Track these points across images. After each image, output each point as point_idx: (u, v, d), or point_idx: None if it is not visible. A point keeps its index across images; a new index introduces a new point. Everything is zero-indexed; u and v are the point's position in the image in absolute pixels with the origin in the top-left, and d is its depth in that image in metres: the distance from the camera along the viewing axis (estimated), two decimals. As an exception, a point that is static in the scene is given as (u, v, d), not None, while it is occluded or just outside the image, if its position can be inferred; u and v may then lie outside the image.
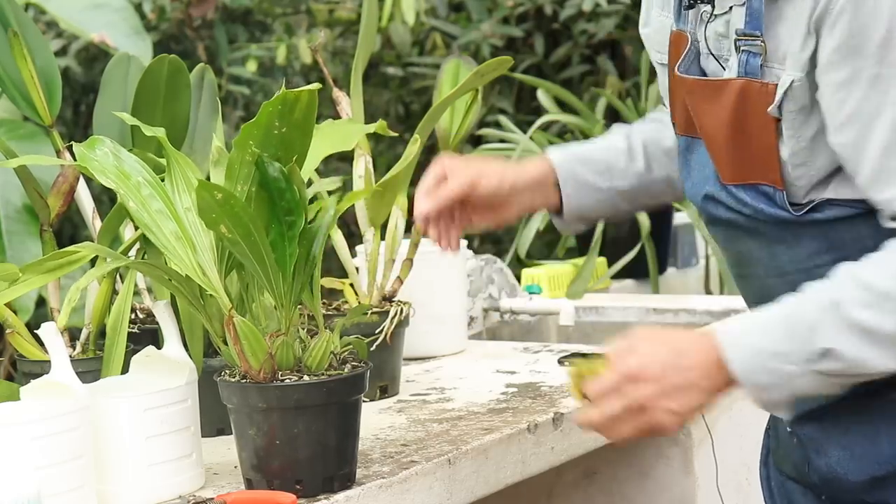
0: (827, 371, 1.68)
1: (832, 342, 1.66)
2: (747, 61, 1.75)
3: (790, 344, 1.68)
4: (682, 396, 1.72)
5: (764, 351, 1.69)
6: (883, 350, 1.65)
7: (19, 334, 2.04)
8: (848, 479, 1.82)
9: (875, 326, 1.65)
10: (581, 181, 2.05)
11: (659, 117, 2.12)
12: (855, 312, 1.65)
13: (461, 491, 2.04)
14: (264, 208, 1.81)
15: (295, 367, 1.86)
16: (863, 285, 1.66)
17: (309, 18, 6.13)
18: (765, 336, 1.70)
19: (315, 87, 1.80)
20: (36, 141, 3.25)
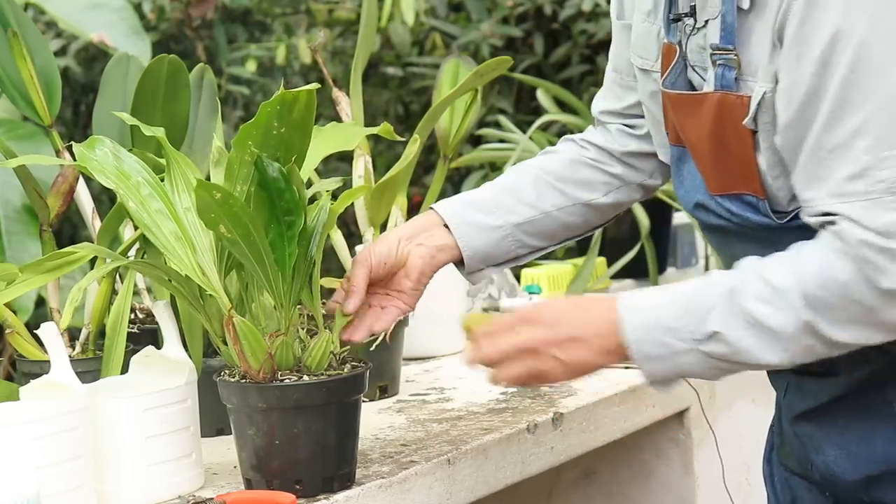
0: (712, 353, 1.71)
1: (721, 326, 1.70)
2: (723, 75, 1.77)
3: (683, 321, 1.72)
4: (573, 347, 1.76)
5: (657, 323, 1.73)
6: (766, 343, 1.70)
7: (19, 334, 2.04)
8: (844, 479, 1.83)
9: (763, 319, 1.69)
10: (471, 221, 2.02)
11: (558, 147, 2.13)
12: (748, 302, 1.69)
13: (461, 491, 2.04)
14: (264, 208, 1.81)
15: (294, 367, 1.86)
16: (762, 279, 1.70)
17: (308, 18, 6.13)
18: (662, 309, 1.74)
19: (313, 87, 1.80)
20: (35, 141, 3.25)
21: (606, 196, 2.09)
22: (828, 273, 1.67)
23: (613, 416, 2.35)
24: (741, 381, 2.65)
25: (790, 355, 1.71)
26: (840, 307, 1.67)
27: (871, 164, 1.65)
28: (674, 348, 1.73)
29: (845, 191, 1.67)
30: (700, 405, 2.54)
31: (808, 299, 1.68)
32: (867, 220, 1.65)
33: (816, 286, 1.67)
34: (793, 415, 1.92)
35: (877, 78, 1.63)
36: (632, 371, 2.46)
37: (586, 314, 1.77)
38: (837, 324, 1.68)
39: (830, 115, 1.66)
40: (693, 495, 2.59)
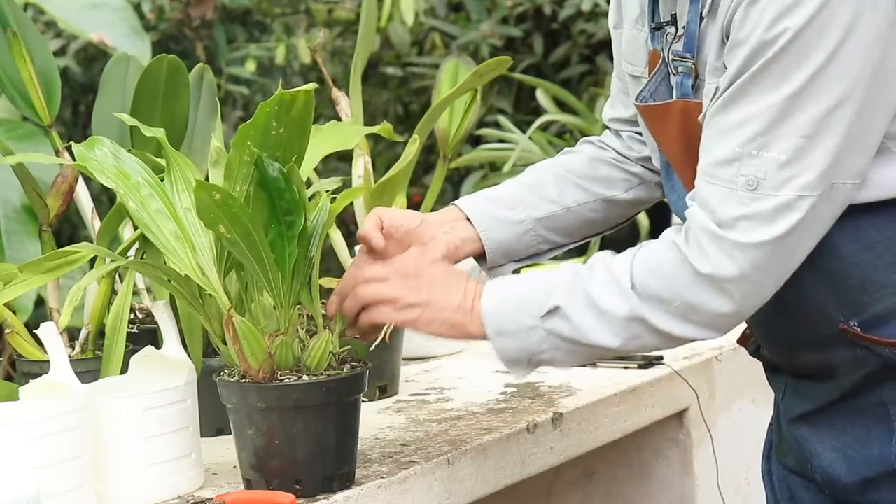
0: (554, 330, 1.78)
1: (562, 301, 1.77)
2: (681, 83, 1.82)
3: (531, 295, 1.79)
4: (438, 288, 1.84)
5: (511, 297, 1.81)
6: (601, 324, 1.76)
7: (18, 334, 2.04)
8: (841, 481, 1.83)
9: (598, 300, 1.76)
10: (494, 216, 2.05)
11: (578, 147, 2.16)
12: (588, 283, 1.77)
13: (460, 491, 2.04)
14: (263, 208, 1.81)
15: (294, 367, 1.86)
16: (605, 265, 1.78)
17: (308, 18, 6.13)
18: (517, 286, 1.82)
19: (311, 87, 1.80)
20: (35, 141, 3.25)
21: (627, 193, 2.12)
22: (656, 262, 1.74)
23: (613, 416, 2.35)
24: (741, 382, 2.66)
25: (622, 340, 1.77)
26: (665, 299, 1.73)
27: (741, 157, 1.69)
28: (522, 324, 1.79)
29: (713, 171, 1.72)
30: (699, 405, 2.54)
31: (637, 286, 1.75)
32: (716, 206, 1.71)
33: (646, 274, 1.74)
34: (790, 417, 1.92)
35: (779, 82, 1.67)
36: (631, 371, 2.47)
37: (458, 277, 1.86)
38: (662, 314, 1.74)
39: (728, 100, 1.71)
40: (692, 495, 2.59)
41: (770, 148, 1.68)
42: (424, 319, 1.85)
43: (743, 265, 1.69)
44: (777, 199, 1.68)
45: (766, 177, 1.68)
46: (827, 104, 1.67)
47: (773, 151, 1.68)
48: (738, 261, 1.69)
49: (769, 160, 1.68)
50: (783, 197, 1.68)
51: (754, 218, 1.69)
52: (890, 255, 1.74)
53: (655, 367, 2.50)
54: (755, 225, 1.69)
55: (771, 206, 1.68)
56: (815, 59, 1.66)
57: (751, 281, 1.71)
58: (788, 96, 1.67)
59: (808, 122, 1.67)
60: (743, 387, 2.67)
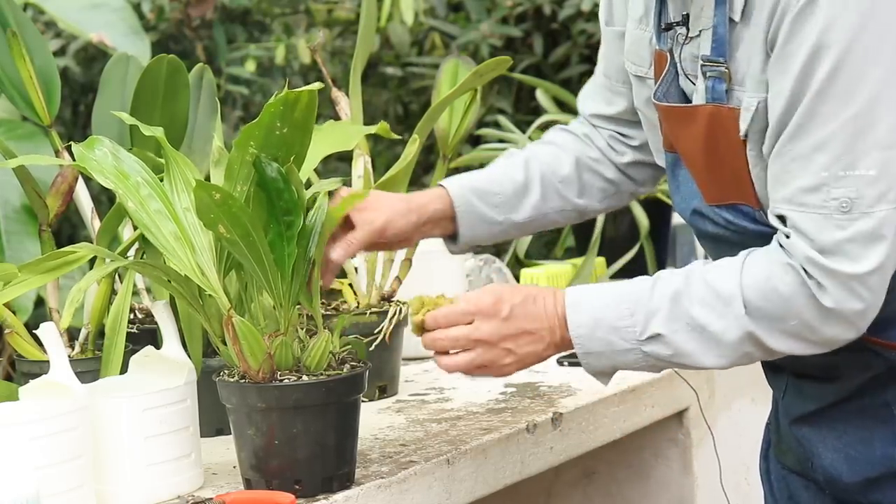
0: (652, 353, 1.76)
1: (664, 329, 1.74)
2: (713, 87, 1.79)
3: (627, 321, 1.76)
4: (525, 341, 1.81)
5: (603, 322, 1.78)
6: (707, 347, 1.74)
7: (18, 334, 2.04)
8: (843, 481, 1.83)
9: (705, 324, 1.72)
10: (478, 215, 2.08)
11: (559, 140, 2.16)
12: (692, 307, 1.73)
13: (460, 491, 2.04)
14: (263, 208, 1.81)
15: (294, 367, 1.86)
16: (707, 284, 1.73)
17: (308, 18, 6.13)
18: (608, 309, 1.78)
19: (315, 87, 1.80)
20: (35, 141, 3.25)
21: (601, 202, 2.14)
22: (771, 284, 1.70)
23: (613, 416, 2.35)
24: (741, 381, 2.66)
25: (728, 360, 1.75)
26: (780, 318, 1.70)
27: (827, 181, 1.66)
28: (616, 347, 1.77)
29: (800, 200, 1.69)
30: (699, 405, 2.54)
31: (749, 308, 1.71)
32: (815, 235, 1.68)
33: (759, 296, 1.71)
34: (791, 417, 1.91)
35: (846, 97, 1.65)
36: (631, 372, 2.47)
37: (536, 308, 1.81)
38: (776, 334, 1.71)
39: (798, 126, 1.68)
40: (692, 495, 2.59)
41: (857, 166, 1.65)
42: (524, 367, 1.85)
43: (866, 296, 1.68)
44: (875, 216, 1.66)
45: (859, 195, 1.66)
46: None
47: (860, 169, 1.65)
48: (861, 294, 1.68)
49: (858, 178, 1.65)
50: (881, 212, 1.66)
51: (857, 240, 1.67)
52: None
53: (655, 367, 2.49)
54: (860, 247, 1.66)
55: (871, 225, 1.66)
56: (879, 66, 1.64)
57: (874, 306, 1.70)
58: (862, 109, 1.64)
59: (888, 132, 1.65)
60: (742, 386, 2.67)
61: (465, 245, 2.12)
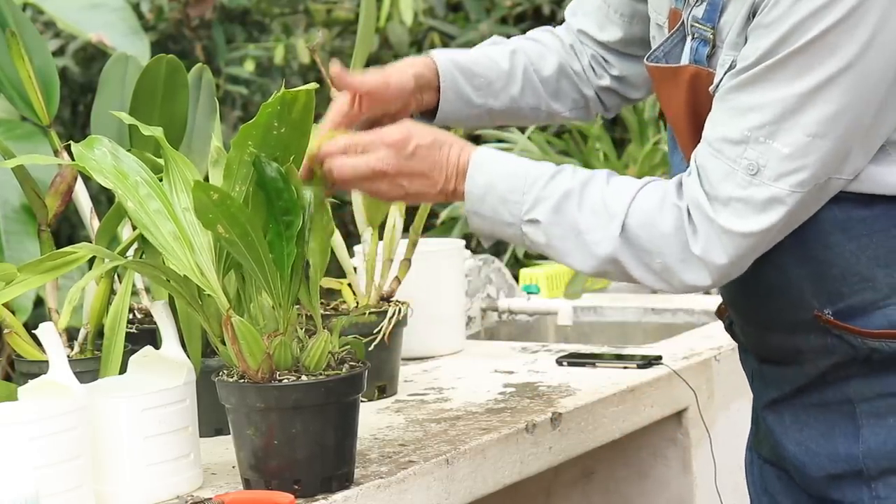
0: (530, 235, 1.81)
1: (545, 218, 1.79)
2: (696, 49, 1.82)
3: (518, 197, 1.80)
4: (419, 181, 1.85)
5: (496, 189, 1.82)
6: (576, 249, 1.79)
7: (17, 334, 2.04)
8: (807, 475, 1.84)
9: (582, 229, 1.78)
10: (459, 93, 2.08)
11: (546, 40, 2.17)
12: (577, 210, 1.79)
13: (459, 491, 2.04)
14: (262, 208, 1.81)
15: (293, 367, 1.86)
16: (601, 193, 1.78)
17: (307, 18, 6.13)
18: (506, 179, 1.82)
19: (312, 87, 1.80)
20: (34, 141, 3.25)
21: (569, 112, 2.16)
22: (653, 217, 1.75)
23: (612, 416, 2.35)
24: (740, 381, 2.65)
25: (591, 269, 1.80)
26: (647, 252, 1.76)
27: (748, 140, 1.70)
28: (500, 217, 1.82)
29: (719, 147, 1.73)
30: (698, 405, 2.55)
31: (626, 232, 1.76)
32: (715, 182, 1.72)
33: (638, 224, 1.76)
34: (760, 404, 1.94)
35: (800, 73, 1.68)
36: (630, 371, 2.47)
37: (440, 155, 1.84)
38: (640, 266, 1.77)
39: (747, 81, 1.71)
40: (691, 495, 2.59)
41: (776, 138, 1.69)
42: (407, 201, 1.93)
43: (731, 254, 1.72)
44: (771, 189, 1.70)
45: (767, 165, 1.70)
46: (839, 106, 1.67)
47: (777, 143, 1.69)
48: (727, 248, 1.72)
49: (773, 150, 1.69)
50: (777, 189, 1.70)
51: (747, 202, 1.71)
52: (874, 249, 1.76)
53: (654, 367, 2.50)
54: (747, 210, 1.71)
55: (765, 196, 1.70)
56: (837, 60, 1.66)
57: (733, 267, 1.74)
58: (804, 92, 1.67)
59: (817, 122, 1.68)
60: (741, 387, 2.67)
61: (440, 122, 2.10)
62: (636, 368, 2.49)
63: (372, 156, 1.84)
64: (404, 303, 2.38)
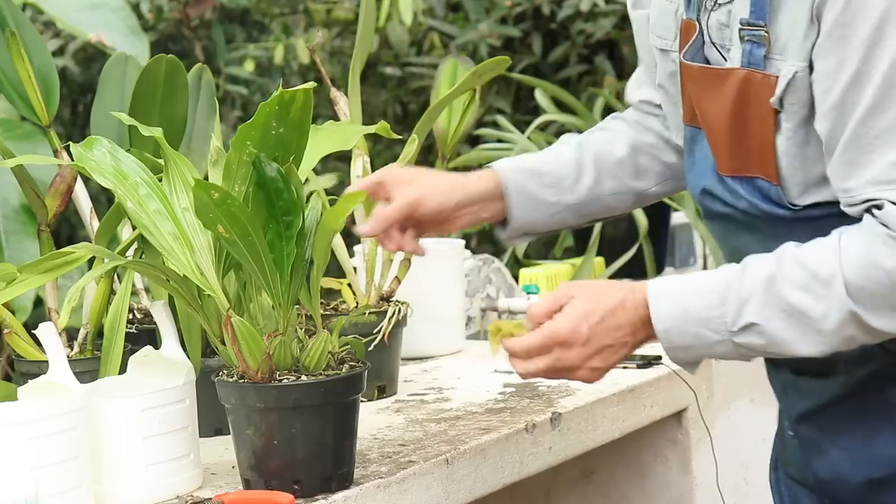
0: (746, 345, 1.69)
1: (758, 317, 1.67)
2: (751, 52, 1.73)
3: (718, 310, 1.69)
4: (609, 355, 1.76)
5: (691, 314, 1.71)
6: (805, 334, 1.67)
7: (17, 334, 2.04)
8: (847, 481, 1.81)
9: (804, 309, 1.66)
10: (530, 195, 2.02)
11: (612, 126, 2.12)
12: (787, 292, 1.66)
13: (459, 491, 2.04)
14: (262, 208, 1.81)
15: (293, 367, 1.86)
16: (802, 266, 1.66)
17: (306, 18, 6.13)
18: (695, 300, 1.71)
19: (310, 87, 1.80)
20: (33, 141, 3.25)
21: (656, 186, 2.09)
22: (871, 258, 1.64)
23: (612, 416, 2.35)
24: (740, 381, 2.66)
25: (829, 346, 1.68)
26: (883, 295, 1.64)
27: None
28: (706, 339, 1.71)
29: (890, 177, 1.63)
30: (698, 405, 2.54)
31: (850, 287, 1.64)
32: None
33: (860, 274, 1.64)
34: (793, 416, 1.89)
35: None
36: (630, 371, 2.47)
37: (616, 319, 1.75)
38: (879, 311, 1.65)
39: (876, 100, 1.63)
40: (691, 495, 2.59)
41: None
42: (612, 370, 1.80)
43: None
44: None
45: None
46: None
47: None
48: None
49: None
50: None
51: None
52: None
53: (654, 366, 2.50)
54: None
55: None
56: None
57: None
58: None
59: None
60: (741, 387, 2.68)
61: (517, 229, 2.04)
62: (636, 368, 2.48)
63: (552, 357, 1.75)
64: (404, 303, 2.38)
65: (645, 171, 2.08)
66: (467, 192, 1.99)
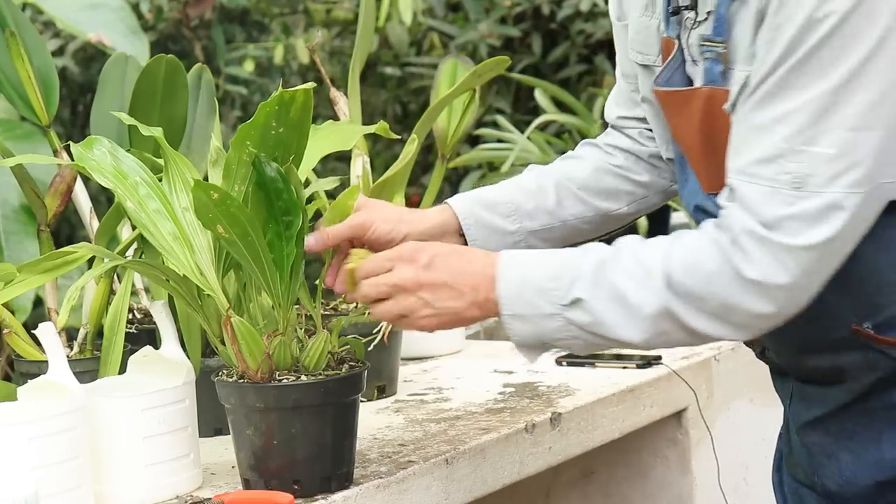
0: (574, 321, 1.71)
1: (586, 294, 1.70)
2: (710, 69, 1.74)
3: (554, 283, 1.72)
4: (444, 294, 1.76)
5: (529, 282, 1.73)
6: (626, 319, 1.69)
7: (16, 334, 2.04)
8: (857, 484, 1.81)
9: (625, 293, 1.68)
10: (487, 225, 2.00)
11: (580, 152, 2.11)
12: (615, 275, 1.69)
13: (459, 491, 2.04)
14: (261, 208, 1.81)
15: (293, 367, 1.86)
16: (634, 256, 1.69)
17: (306, 18, 6.13)
18: (536, 269, 1.74)
19: (310, 87, 1.80)
20: (33, 141, 3.25)
21: (629, 206, 2.07)
22: (696, 259, 1.66)
23: (611, 415, 2.35)
24: (740, 381, 2.66)
25: (646, 336, 1.70)
26: (700, 297, 1.66)
27: (784, 153, 1.62)
28: (540, 310, 1.73)
29: (753, 171, 1.64)
30: (698, 405, 2.54)
31: (670, 282, 1.67)
32: (758, 207, 1.63)
33: (681, 271, 1.67)
34: (800, 424, 1.88)
35: (823, 71, 1.60)
36: (630, 371, 2.47)
37: (461, 262, 1.77)
38: (695, 312, 1.67)
39: (766, 95, 1.64)
40: (691, 495, 2.59)
41: (817, 142, 1.60)
42: (441, 325, 1.79)
43: (794, 271, 1.62)
44: (826, 196, 1.60)
45: (813, 173, 1.60)
46: (875, 94, 1.59)
47: (820, 146, 1.60)
48: (789, 266, 1.62)
49: (817, 155, 1.60)
50: (832, 195, 1.60)
51: (801, 218, 1.61)
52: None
53: (654, 367, 2.50)
54: (803, 225, 1.61)
55: (819, 205, 1.60)
56: (862, 46, 1.58)
57: (799, 286, 1.64)
58: (835, 86, 1.59)
59: (856, 114, 1.59)
60: (741, 387, 2.67)
61: None
62: (636, 368, 2.48)
63: (392, 275, 1.77)
64: (404, 303, 2.37)
65: (614, 192, 2.07)
66: (416, 225, 1.97)
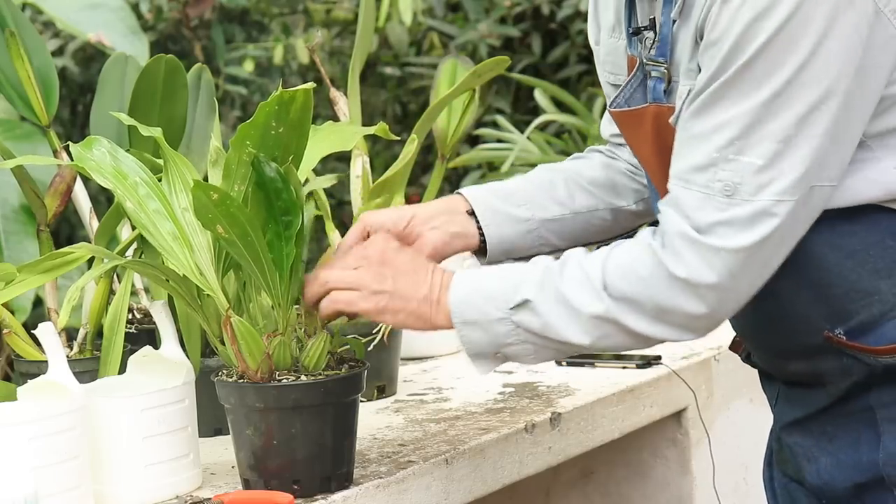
0: (522, 323, 1.76)
1: (532, 295, 1.75)
2: (654, 87, 1.80)
3: (500, 287, 1.77)
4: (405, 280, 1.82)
5: (479, 289, 1.79)
6: (570, 321, 1.74)
7: (16, 334, 2.04)
8: (836, 486, 1.82)
9: (568, 296, 1.74)
10: (500, 211, 2.02)
11: (587, 154, 2.14)
12: (561, 280, 1.75)
13: (458, 491, 2.04)
14: (261, 208, 1.81)
15: (292, 367, 1.86)
16: (578, 263, 1.76)
17: (306, 18, 6.13)
18: (488, 278, 1.80)
19: (310, 87, 1.80)
20: (33, 141, 3.25)
21: (637, 204, 2.09)
22: (630, 263, 1.72)
23: (611, 415, 2.35)
24: (739, 381, 2.66)
25: (591, 337, 1.75)
26: (636, 300, 1.72)
27: (717, 162, 1.68)
28: (489, 315, 1.77)
29: (688, 177, 1.70)
30: (697, 405, 2.55)
31: (609, 287, 1.72)
32: (692, 212, 1.69)
33: (617, 275, 1.73)
34: (783, 424, 1.91)
35: (757, 84, 1.65)
36: (629, 371, 2.47)
37: (423, 262, 1.84)
38: (635, 315, 1.73)
39: (704, 104, 1.69)
40: (691, 495, 2.59)
41: (746, 153, 1.66)
42: (391, 309, 1.83)
43: (721, 272, 1.68)
44: (754, 204, 1.67)
45: (742, 182, 1.66)
46: (803, 108, 1.65)
47: (749, 156, 1.66)
48: (716, 267, 1.68)
49: (746, 165, 1.66)
50: (760, 202, 1.67)
51: (732, 223, 1.67)
52: (873, 262, 1.73)
53: (654, 367, 2.50)
54: (733, 231, 1.67)
55: (749, 212, 1.67)
56: (791, 63, 1.64)
57: (726, 287, 1.69)
58: (764, 101, 1.65)
59: (784, 127, 1.65)
60: (741, 387, 2.68)
61: (496, 247, 2.02)
62: (635, 368, 2.49)
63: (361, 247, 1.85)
64: (404, 303, 2.37)
65: (622, 188, 2.09)
66: (424, 207, 2.01)
